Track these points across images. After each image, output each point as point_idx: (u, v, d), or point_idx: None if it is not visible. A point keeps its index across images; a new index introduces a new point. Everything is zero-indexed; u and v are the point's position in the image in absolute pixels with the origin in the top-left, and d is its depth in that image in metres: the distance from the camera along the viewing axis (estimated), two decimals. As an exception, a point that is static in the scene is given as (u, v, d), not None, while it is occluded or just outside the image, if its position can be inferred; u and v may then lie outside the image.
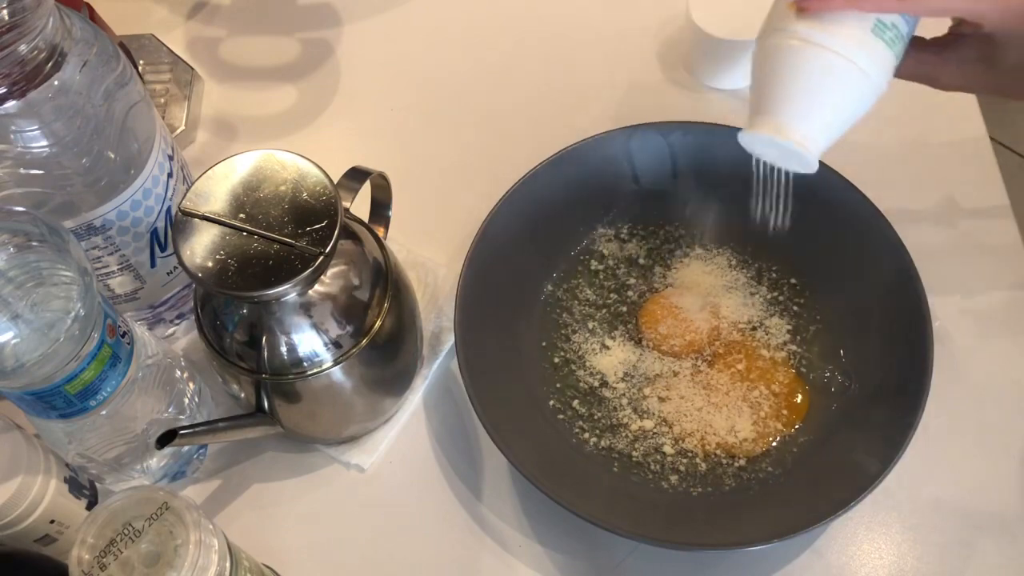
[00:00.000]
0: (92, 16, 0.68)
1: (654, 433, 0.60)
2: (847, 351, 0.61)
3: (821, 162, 0.63)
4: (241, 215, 0.49)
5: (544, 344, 0.64)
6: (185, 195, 0.50)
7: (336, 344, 0.53)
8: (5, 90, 0.47)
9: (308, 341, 0.52)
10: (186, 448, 0.60)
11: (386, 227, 0.62)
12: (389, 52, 0.80)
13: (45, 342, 0.45)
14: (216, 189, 0.50)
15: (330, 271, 0.52)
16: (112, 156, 0.53)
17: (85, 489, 0.58)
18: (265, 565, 0.53)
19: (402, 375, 0.61)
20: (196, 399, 0.61)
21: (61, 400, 0.49)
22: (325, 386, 0.55)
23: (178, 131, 0.74)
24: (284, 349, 0.52)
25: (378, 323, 0.54)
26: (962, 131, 0.72)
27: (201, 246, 0.48)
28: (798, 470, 0.58)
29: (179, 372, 0.59)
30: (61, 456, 0.55)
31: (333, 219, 0.49)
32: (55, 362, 0.47)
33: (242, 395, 0.56)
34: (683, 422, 0.60)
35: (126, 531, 0.42)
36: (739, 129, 0.50)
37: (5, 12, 0.46)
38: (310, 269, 0.48)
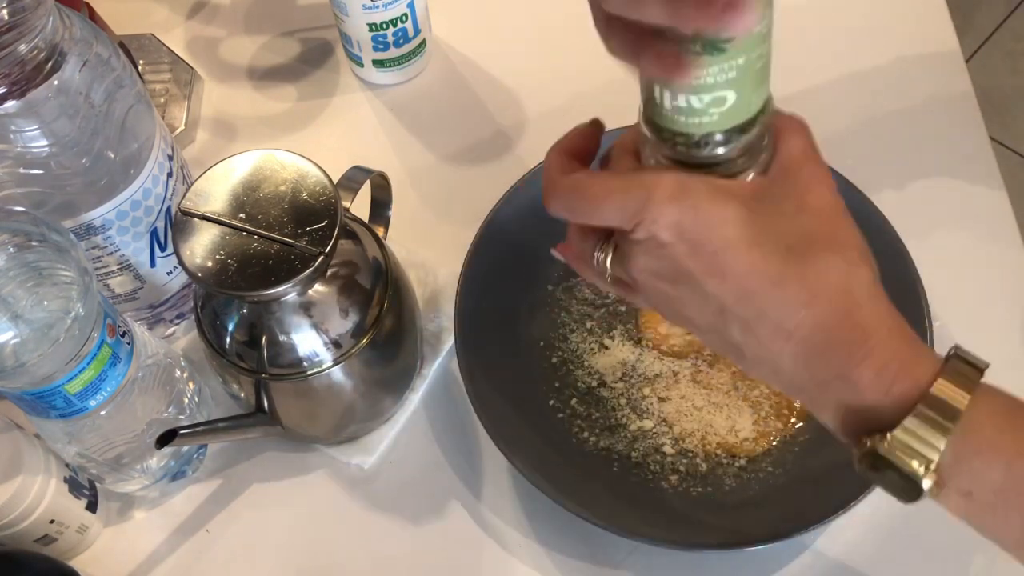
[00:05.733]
0: (92, 16, 0.68)
1: (653, 433, 0.60)
2: (847, 351, 0.61)
3: (821, 162, 0.63)
4: (241, 215, 0.49)
5: (542, 344, 0.64)
6: (185, 195, 0.50)
7: (336, 344, 0.53)
8: (5, 90, 0.47)
9: (308, 341, 0.52)
10: (186, 448, 0.60)
11: (386, 227, 0.62)
12: (389, 52, 0.80)
13: (45, 342, 0.45)
14: (216, 189, 0.50)
15: (330, 271, 0.52)
16: (112, 156, 0.53)
17: (85, 489, 0.58)
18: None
19: (402, 375, 0.61)
20: (196, 399, 0.61)
21: (61, 400, 0.49)
22: (325, 386, 0.55)
23: (178, 131, 0.74)
24: (284, 349, 0.52)
25: (378, 323, 0.54)
26: (962, 130, 0.72)
27: (201, 246, 0.48)
28: (798, 470, 0.58)
29: (179, 372, 0.59)
30: (61, 456, 0.55)
31: (333, 219, 0.49)
32: (55, 362, 0.47)
33: (242, 395, 0.56)
34: (683, 422, 0.60)
35: None
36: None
37: (5, 12, 0.46)
38: (310, 269, 0.48)
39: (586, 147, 0.43)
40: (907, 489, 0.37)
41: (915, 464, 0.36)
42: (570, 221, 0.42)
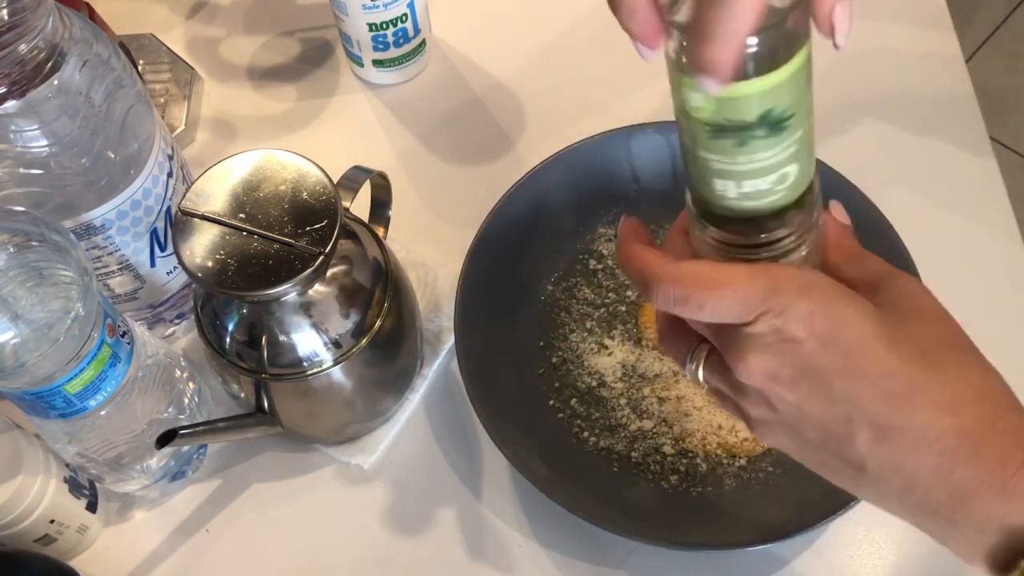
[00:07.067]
0: (92, 16, 0.68)
1: (653, 433, 0.60)
2: (847, 351, 0.61)
3: (821, 161, 0.63)
4: (241, 215, 0.49)
5: (542, 344, 0.64)
6: (185, 195, 0.50)
7: (336, 344, 0.53)
8: (5, 90, 0.47)
9: (308, 341, 0.52)
10: (186, 448, 0.60)
11: (386, 227, 0.62)
12: (389, 52, 0.80)
13: (45, 342, 0.45)
14: (216, 189, 0.50)
15: (330, 271, 0.52)
16: (112, 156, 0.53)
17: (85, 489, 0.58)
18: None
19: (402, 375, 0.61)
20: (196, 399, 0.61)
21: (61, 400, 0.49)
22: (325, 386, 0.55)
23: (178, 131, 0.74)
24: (284, 349, 0.52)
25: (378, 323, 0.54)
26: (962, 131, 0.72)
27: (201, 246, 0.48)
28: (799, 470, 0.57)
29: (179, 372, 0.59)
30: (61, 456, 0.55)
31: (333, 219, 0.49)
32: (55, 362, 0.47)
33: (242, 395, 0.56)
34: (683, 422, 0.60)
35: None
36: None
37: (5, 12, 0.46)
38: (310, 269, 0.48)
39: (647, 235, 0.39)
40: None
41: None
42: (664, 316, 0.39)
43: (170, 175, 0.59)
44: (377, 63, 0.76)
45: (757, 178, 0.34)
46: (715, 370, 0.38)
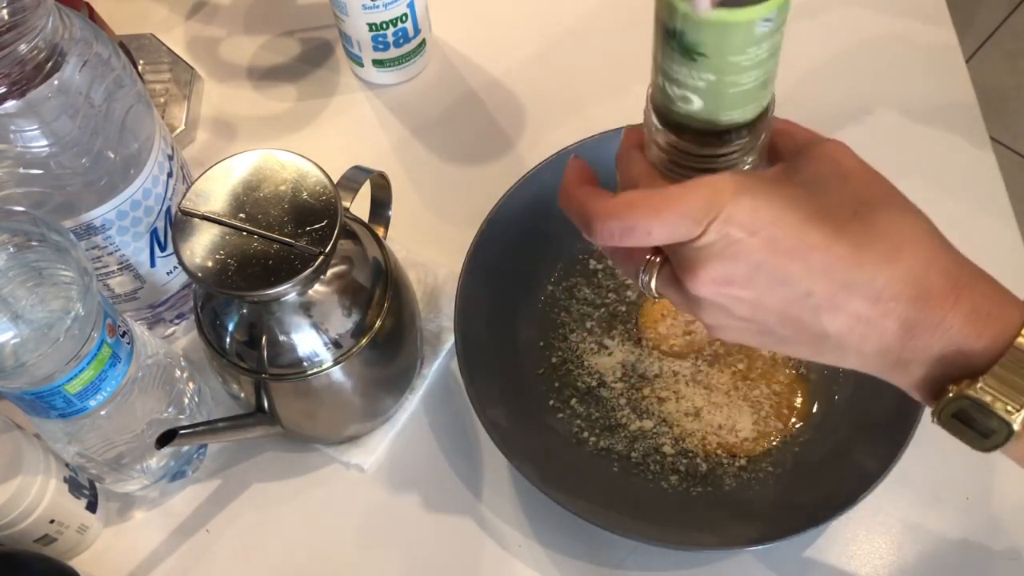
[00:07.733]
0: (92, 16, 0.68)
1: (653, 433, 0.60)
2: (847, 351, 0.61)
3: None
4: (241, 215, 0.49)
5: (542, 344, 0.64)
6: (185, 195, 0.50)
7: (336, 344, 0.53)
8: (5, 90, 0.47)
9: (308, 341, 0.52)
10: (186, 448, 0.60)
11: (386, 227, 0.62)
12: (389, 52, 0.80)
13: (45, 342, 0.45)
14: (216, 189, 0.50)
15: (330, 271, 0.52)
16: (112, 156, 0.53)
17: (85, 489, 0.58)
18: None
19: (402, 375, 0.61)
20: (196, 399, 0.61)
21: (61, 400, 0.49)
22: (325, 386, 0.55)
23: (178, 131, 0.74)
24: (284, 349, 0.52)
25: (378, 323, 0.54)
26: (962, 131, 0.72)
27: (201, 246, 0.48)
28: (798, 470, 0.58)
29: (179, 372, 0.59)
30: (61, 456, 0.55)
31: (333, 219, 0.49)
32: (55, 362, 0.47)
33: (242, 395, 0.56)
34: (683, 422, 0.60)
35: None
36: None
37: (5, 12, 0.46)
38: (310, 269, 0.48)
39: (591, 175, 0.42)
40: (993, 435, 0.37)
41: (1008, 407, 0.36)
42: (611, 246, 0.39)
43: (170, 175, 0.59)
44: (377, 63, 0.76)
45: (725, 94, 0.35)
46: (668, 282, 0.39)
